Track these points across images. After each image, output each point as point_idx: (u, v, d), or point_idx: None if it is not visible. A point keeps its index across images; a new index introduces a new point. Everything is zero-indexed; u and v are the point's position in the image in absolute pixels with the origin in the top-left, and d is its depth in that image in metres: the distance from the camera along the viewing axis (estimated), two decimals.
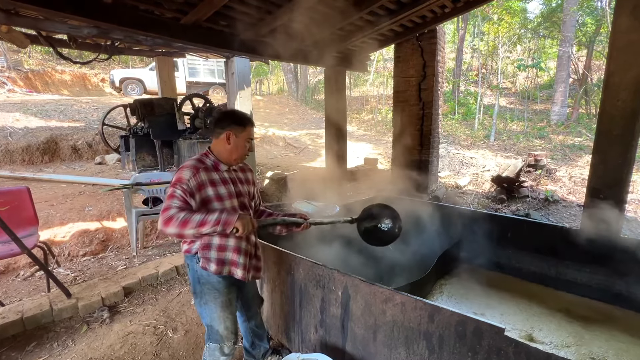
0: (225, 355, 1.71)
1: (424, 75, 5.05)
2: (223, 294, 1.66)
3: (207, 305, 1.66)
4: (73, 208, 4.09)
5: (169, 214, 1.45)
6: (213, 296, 1.65)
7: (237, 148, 1.66)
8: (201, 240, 1.61)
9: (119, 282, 2.88)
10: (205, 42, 3.60)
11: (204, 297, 1.66)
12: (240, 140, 1.65)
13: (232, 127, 1.64)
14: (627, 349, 2.10)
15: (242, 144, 1.67)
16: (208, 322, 1.69)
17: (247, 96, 4.92)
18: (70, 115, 8.13)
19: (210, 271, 1.61)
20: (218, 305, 1.65)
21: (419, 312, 1.51)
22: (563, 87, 11.78)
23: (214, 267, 1.61)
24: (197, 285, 1.66)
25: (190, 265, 1.67)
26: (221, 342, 1.68)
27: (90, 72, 15.58)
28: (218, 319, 1.66)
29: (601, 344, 2.16)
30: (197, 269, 1.64)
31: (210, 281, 1.64)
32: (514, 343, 1.26)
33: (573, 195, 5.61)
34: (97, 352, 2.21)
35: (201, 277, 1.64)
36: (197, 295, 1.68)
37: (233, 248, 1.65)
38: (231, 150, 1.65)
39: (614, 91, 2.86)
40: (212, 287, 1.64)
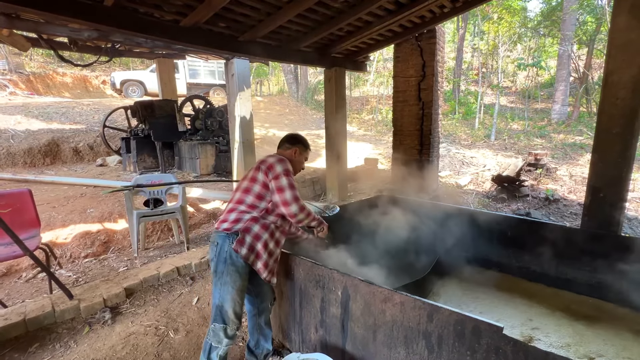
0: (228, 338, 1.76)
1: (424, 75, 5.05)
2: (243, 279, 1.76)
3: (225, 286, 1.73)
4: (75, 210, 4.11)
5: (302, 203, 1.83)
6: (233, 278, 1.73)
7: (298, 162, 2.06)
8: (245, 223, 1.77)
9: (121, 283, 2.89)
10: (205, 44, 3.61)
11: (224, 278, 1.73)
12: (301, 158, 2.08)
13: (299, 146, 2.06)
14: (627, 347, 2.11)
15: (302, 160, 2.09)
16: (219, 302, 1.74)
17: (247, 97, 4.93)
18: (71, 118, 8.17)
19: (240, 254, 1.72)
20: (235, 288, 1.73)
21: (418, 311, 1.52)
22: (563, 86, 11.76)
23: (245, 252, 1.74)
24: (222, 264, 1.74)
25: (221, 244, 1.76)
26: (227, 324, 1.75)
27: (91, 75, 15.65)
28: (231, 300, 1.73)
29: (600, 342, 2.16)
30: (227, 249, 1.73)
31: (236, 264, 1.73)
32: (512, 342, 1.26)
33: (574, 194, 5.61)
34: (99, 353, 2.22)
35: (229, 257, 1.73)
36: (217, 274, 1.76)
37: (263, 242, 1.80)
38: (294, 162, 2.02)
39: (613, 90, 2.85)
40: (236, 269, 1.73)
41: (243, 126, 4.93)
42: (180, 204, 3.78)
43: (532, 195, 5.38)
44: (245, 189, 1.85)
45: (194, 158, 5.96)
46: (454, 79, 15.23)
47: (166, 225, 4.26)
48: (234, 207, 1.84)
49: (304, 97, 17.19)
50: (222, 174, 6.06)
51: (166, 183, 3.82)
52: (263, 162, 1.87)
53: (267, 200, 1.82)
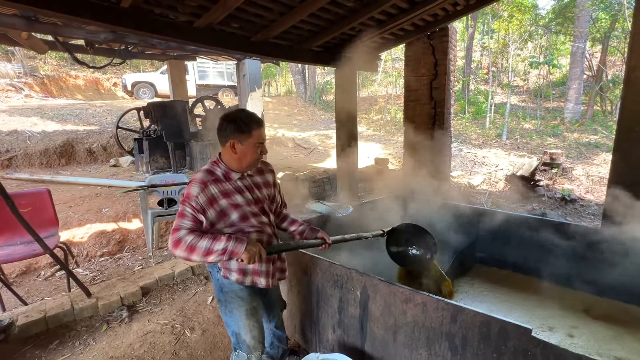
0: None
1: (436, 73, 4.99)
2: (247, 302, 1.63)
3: (232, 313, 1.63)
4: (90, 209, 4.18)
5: (178, 236, 1.36)
6: (237, 304, 1.62)
7: (245, 155, 1.50)
8: None
9: (137, 282, 2.93)
10: (218, 45, 3.63)
11: (229, 306, 1.63)
12: (246, 147, 1.48)
13: (235, 135, 1.47)
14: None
15: (250, 150, 1.50)
16: (235, 330, 1.66)
17: (258, 97, 4.95)
18: (85, 119, 8.32)
19: (231, 280, 1.59)
20: (243, 313, 1.62)
21: (440, 312, 1.49)
22: (577, 84, 11.52)
23: (236, 277, 1.59)
24: (221, 293, 1.65)
25: (213, 274, 1.67)
26: (249, 353, 1.66)
27: (103, 77, 15.92)
28: (244, 327, 1.63)
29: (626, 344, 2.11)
30: (218, 277, 1.62)
31: (233, 289, 1.61)
32: (541, 344, 1.23)
33: (591, 194, 5.48)
34: (117, 351, 2.24)
35: (223, 286, 1.62)
36: (221, 303, 1.67)
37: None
38: (239, 158, 1.50)
39: (636, 87, 2.78)
40: (236, 295, 1.61)
41: None
42: None
43: (548, 195, 5.28)
44: None
45: (205, 158, 6.00)
46: (464, 78, 15.06)
47: None
48: None
49: (312, 97, 17.21)
50: None
51: (179, 183, 3.85)
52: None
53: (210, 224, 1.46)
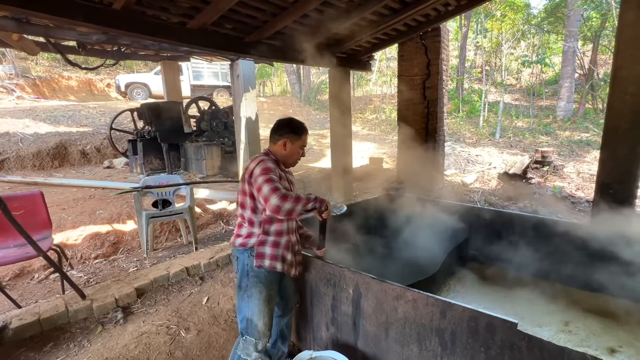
0: (258, 352, 1.73)
1: (429, 73, 5.05)
2: (268, 288, 1.73)
3: (251, 299, 1.71)
4: (84, 211, 4.16)
5: (282, 192, 1.58)
6: (258, 290, 1.71)
7: (292, 154, 1.83)
8: (258, 237, 1.73)
9: (131, 283, 2.92)
10: (211, 46, 3.64)
11: (249, 291, 1.72)
12: (295, 147, 1.83)
13: (289, 135, 1.80)
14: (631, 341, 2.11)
15: (297, 150, 1.85)
16: (248, 315, 1.72)
17: (252, 98, 4.96)
18: (78, 121, 8.26)
19: (264, 267, 1.70)
20: (262, 299, 1.71)
21: (430, 308, 1.53)
22: (569, 83, 11.67)
23: (268, 263, 1.71)
24: (245, 278, 1.73)
25: (241, 259, 1.75)
26: (257, 338, 1.72)
27: (96, 78, 15.79)
28: (259, 313, 1.70)
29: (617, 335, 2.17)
30: (247, 262, 1.72)
31: (259, 275, 1.71)
32: (527, 337, 1.27)
33: (582, 192, 5.57)
34: (112, 352, 2.25)
35: (250, 271, 1.72)
36: (241, 288, 1.75)
37: (284, 245, 1.78)
38: (287, 155, 1.82)
39: (622, 85, 2.84)
40: (259, 280, 1.71)
41: (249, 127, 4.96)
42: (188, 205, 3.81)
43: (539, 192, 5.35)
44: (241, 204, 1.78)
45: (199, 159, 6.00)
46: (457, 77, 15.17)
47: (174, 226, 4.29)
48: (241, 222, 1.82)
49: (307, 97, 17.23)
50: (228, 174, 6.10)
51: (174, 184, 3.85)
52: (246, 170, 1.73)
53: (261, 210, 1.71)
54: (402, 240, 3.12)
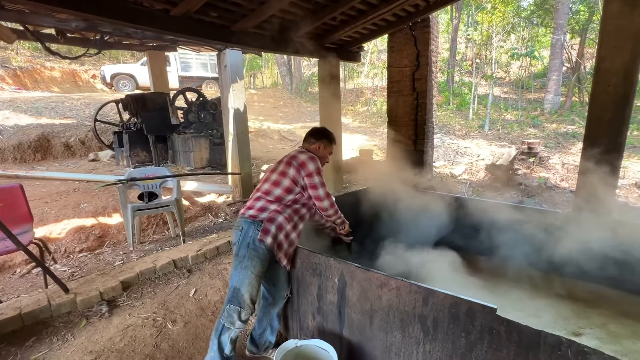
0: (241, 322, 1.79)
1: (418, 65, 5.02)
2: (263, 265, 1.82)
3: (245, 270, 1.78)
4: (68, 205, 4.07)
5: (333, 199, 2.01)
6: (253, 263, 1.78)
7: (323, 157, 2.12)
8: (270, 213, 1.85)
9: (117, 276, 2.89)
10: (196, 34, 3.55)
11: (245, 262, 1.79)
12: (325, 152, 2.15)
13: (323, 141, 2.13)
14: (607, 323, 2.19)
15: (326, 155, 2.17)
16: (237, 284, 1.79)
17: (240, 89, 4.88)
18: (61, 112, 8.02)
19: (265, 242, 1.79)
20: (254, 273, 1.79)
21: (413, 295, 1.54)
22: (556, 76, 11.82)
23: (270, 241, 1.81)
24: (244, 248, 1.80)
25: (245, 229, 1.83)
26: (242, 307, 1.78)
27: (81, 69, 15.33)
28: (248, 284, 1.78)
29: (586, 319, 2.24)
30: (251, 234, 1.80)
31: (258, 250, 1.79)
32: (505, 322, 1.29)
33: (566, 182, 5.68)
34: (97, 345, 2.22)
35: (251, 243, 1.80)
36: (238, 257, 1.82)
37: (285, 233, 1.88)
38: (319, 157, 2.05)
39: (605, 76, 2.88)
40: (257, 255, 1.79)
41: (237, 118, 4.89)
42: (175, 197, 3.76)
43: (525, 183, 5.45)
44: (275, 182, 1.91)
45: (187, 151, 5.91)
46: (448, 70, 15.21)
47: (161, 218, 4.24)
48: (261, 196, 1.91)
49: (298, 89, 17.07)
50: (217, 166, 6.03)
51: (160, 176, 3.79)
52: (294, 157, 1.95)
53: (295, 193, 1.92)
54: (389, 230, 3.14)
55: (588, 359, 1.14)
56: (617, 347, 2.04)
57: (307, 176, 1.90)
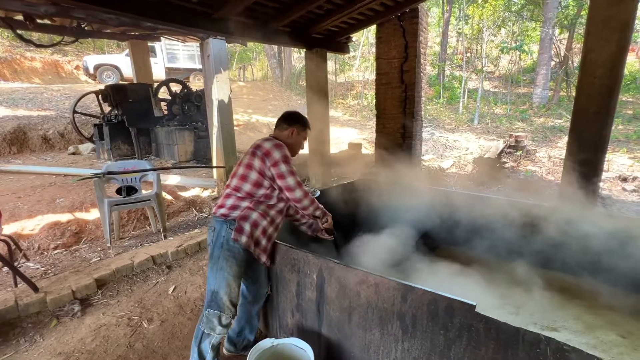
0: (222, 326, 1.70)
1: (406, 56, 4.95)
2: (239, 264, 1.71)
3: (221, 271, 1.68)
4: (42, 200, 3.90)
5: (305, 188, 1.82)
6: (230, 264, 1.68)
7: (296, 143, 1.94)
8: (242, 211, 1.72)
9: (91, 274, 2.77)
10: (175, 21, 3.39)
11: (220, 263, 1.68)
12: (299, 138, 1.95)
13: (296, 126, 1.92)
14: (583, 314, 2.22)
15: (300, 141, 1.97)
16: (214, 287, 1.69)
17: (224, 80, 4.73)
18: (39, 104, 7.72)
19: (240, 242, 1.68)
20: (231, 273, 1.69)
21: (392, 292, 1.49)
22: (545, 70, 11.90)
23: (245, 240, 1.70)
24: (218, 249, 1.70)
25: (218, 229, 1.72)
26: (222, 311, 1.69)
27: (63, 59, 14.81)
28: (226, 286, 1.69)
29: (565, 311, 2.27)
30: (224, 234, 1.69)
31: (232, 250, 1.69)
32: (484, 319, 1.24)
33: (552, 175, 5.72)
34: (66, 347, 2.13)
35: (225, 243, 1.69)
36: (213, 258, 1.71)
37: (262, 229, 1.76)
38: (292, 144, 1.91)
39: (591, 68, 2.85)
40: (232, 255, 1.69)
41: (221, 110, 4.75)
42: (155, 192, 3.63)
43: (512, 176, 5.46)
44: (242, 176, 1.76)
45: (171, 144, 5.74)
46: (439, 64, 15.18)
47: (142, 213, 4.11)
48: (231, 193, 1.78)
49: (288, 82, 16.84)
50: (202, 160, 5.88)
51: (139, 170, 3.66)
52: (258, 147, 1.77)
53: (266, 187, 1.77)
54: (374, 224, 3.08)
55: (567, 356, 1.10)
56: (590, 339, 2.05)
57: (272, 166, 1.72)
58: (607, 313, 2.26)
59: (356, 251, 2.79)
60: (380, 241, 2.98)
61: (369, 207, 3.33)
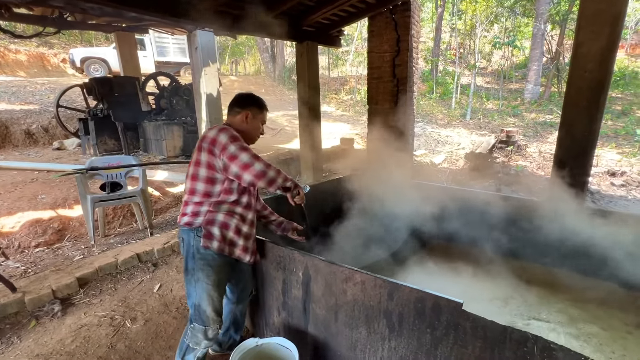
0: (208, 340, 1.63)
1: (398, 50, 4.89)
2: (216, 272, 1.61)
3: (198, 283, 1.59)
4: (23, 196, 3.78)
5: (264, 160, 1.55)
6: (206, 274, 1.58)
7: (252, 128, 1.72)
8: (206, 215, 1.58)
9: (73, 272, 2.69)
10: (160, 11, 3.27)
11: (196, 274, 1.59)
12: (256, 122, 1.73)
13: (251, 108, 1.70)
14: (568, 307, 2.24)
15: (257, 125, 1.74)
16: (196, 301, 1.61)
17: (213, 73, 4.62)
18: (23, 98, 7.48)
19: (212, 248, 1.57)
20: (210, 283, 1.59)
21: (378, 290, 1.45)
22: (537, 66, 11.95)
23: (216, 245, 1.58)
24: (191, 260, 1.60)
25: (186, 240, 1.60)
26: (207, 325, 1.62)
27: (49, 52, 14.41)
28: (208, 298, 1.60)
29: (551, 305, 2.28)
30: (193, 243, 1.58)
31: (206, 257, 1.58)
32: (471, 317, 1.21)
33: (542, 170, 5.76)
34: (45, 348, 2.05)
35: (196, 253, 1.58)
36: (188, 272, 1.62)
37: (234, 229, 1.63)
38: (248, 129, 1.70)
39: (582, 62, 2.83)
40: (207, 264, 1.59)
41: (210, 104, 4.65)
42: (140, 188, 3.54)
43: (503, 172, 5.48)
44: (193, 176, 1.59)
45: (159, 139, 5.62)
46: (432, 59, 15.15)
47: (129, 210, 4.01)
48: (189, 198, 1.62)
49: (281, 76, 16.66)
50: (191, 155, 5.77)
51: (124, 165, 3.55)
52: (203, 139, 1.58)
53: (221, 181, 1.58)
54: (366, 220, 3.05)
55: (554, 355, 1.07)
56: (572, 330, 2.07)
57: (222, 151, 1.50)
58: (592, 308, 2.27)
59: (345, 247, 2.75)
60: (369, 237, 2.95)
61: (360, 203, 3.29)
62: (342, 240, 2.85)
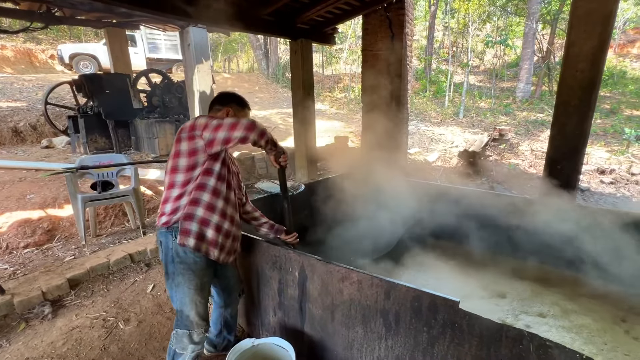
0: (194, 344, 1.59)
1: (392, 48, 4.89)
2: (198, 275, 1.54)
3: (179, 287, 1.53)
4: (11, 196, 3.69)
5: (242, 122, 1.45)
6: (187, 277, 1.52)
7: None
8: (184, 209, 1.50)
9: (64, 274, 2.64)
10: (150, 7, 3.21)
11: (177, 279, 1.53)
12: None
13: (231, 105, 1.68)
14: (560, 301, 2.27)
15: None
16: (178, 306, 1.57)
17: (206, 70, 4.57)
18: (9, 95, 7.30)
19: (188, 246, 1.49)
20: (191, 287, 1.53)
21: (375, 289, 1.45)
22: (528, 65, 12.08)
23: (193, 242, 1.50)
24: (171, 264, 1.53)
25: (164, 243, 1.53)
26: (191, 329, 1.57)
27: (37, 48, 14.09)
28: (190, 303, 1.54)
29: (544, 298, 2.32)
30: (172, 246, 1.51)
31: (186, 261, 1.51)
32: (467, 316, 1.22)
33: (534, 168, 5.83)
34: (35, 351, 2.01)
35: (175, 256, 1.51)
36: (169, 276, 1.55)
37: (214, 225, 1.55)
38: None
39: (573, 61, 2.86)
40: (187, 267, 1.52)
41: (203, 102, 4.60)
42: (132, 187, 3.48)
43: (496, 170, 5.53)
44: (172, 169, 1.52)
45: (151, 137, 5.53)
46: (426, 57, 15.21)
47: (121, 209, 3.95)
48: (167, 195, 1.54)
49: (275, 74, 16.56)
50: None
51: (115, 164, 3.49)
52: (181, 130, 1.51)
53: (201, 163, 1.50)
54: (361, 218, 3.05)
55: (549, 352, 1.08)
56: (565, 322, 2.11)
57: (204, 129, 1.44)
58: (585, 301, 2.31)
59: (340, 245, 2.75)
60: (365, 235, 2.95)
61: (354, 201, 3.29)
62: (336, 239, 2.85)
